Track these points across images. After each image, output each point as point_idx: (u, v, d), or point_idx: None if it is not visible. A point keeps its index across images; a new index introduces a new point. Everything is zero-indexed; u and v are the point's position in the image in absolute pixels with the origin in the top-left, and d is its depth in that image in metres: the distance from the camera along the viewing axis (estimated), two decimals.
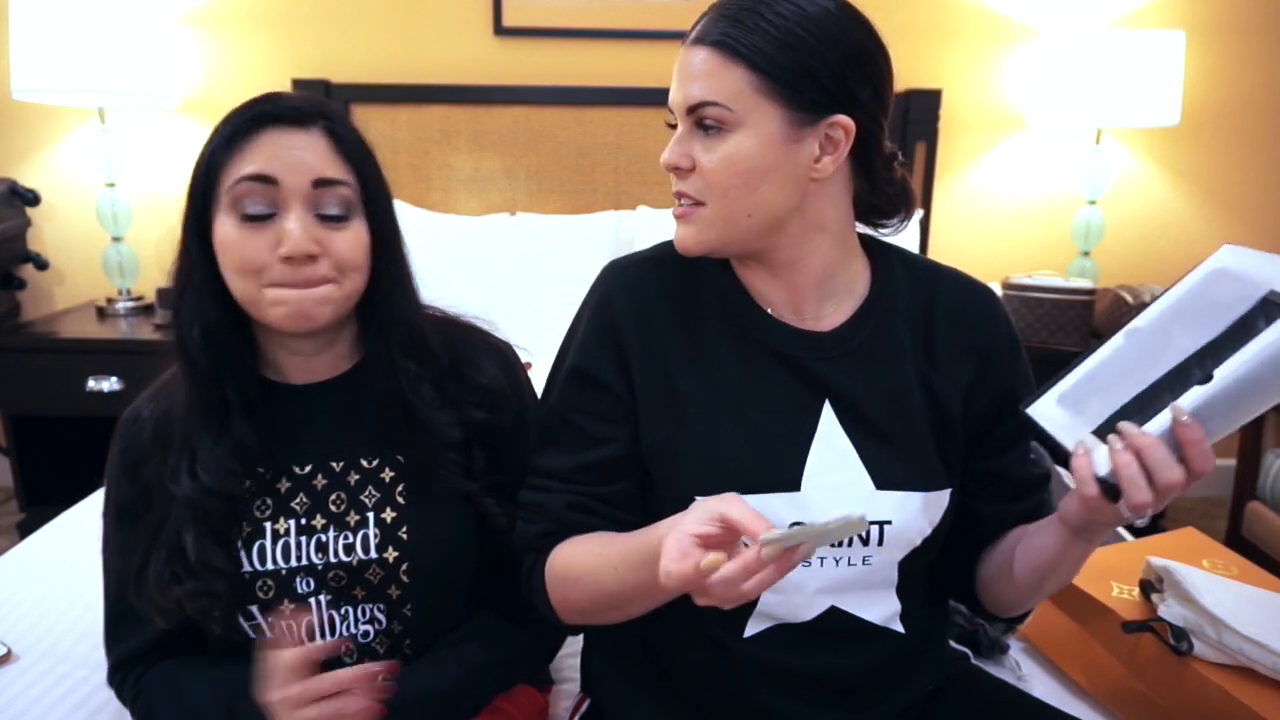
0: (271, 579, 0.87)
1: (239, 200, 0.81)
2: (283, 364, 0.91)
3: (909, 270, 0.88)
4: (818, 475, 0.80)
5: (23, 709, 1.06)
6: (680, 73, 0.78)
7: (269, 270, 0.81)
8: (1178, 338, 0.68)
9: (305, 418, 0.90)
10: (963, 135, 2.66)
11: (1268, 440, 2.27)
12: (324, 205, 0.83)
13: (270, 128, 0.82)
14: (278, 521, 0.87)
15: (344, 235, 0.84)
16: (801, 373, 0.82)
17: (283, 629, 0.88)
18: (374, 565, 0.88)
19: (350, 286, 0.85)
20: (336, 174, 0.83)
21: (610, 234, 2.42)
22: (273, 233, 0.81)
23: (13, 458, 2.36)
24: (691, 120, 0.77)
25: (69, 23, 2.16)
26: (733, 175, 0.76)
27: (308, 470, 0.89)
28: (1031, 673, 1.18)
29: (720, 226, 0.79)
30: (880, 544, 0.81)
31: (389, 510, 0.89)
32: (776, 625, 0.83)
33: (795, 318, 0.84)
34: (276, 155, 0.81)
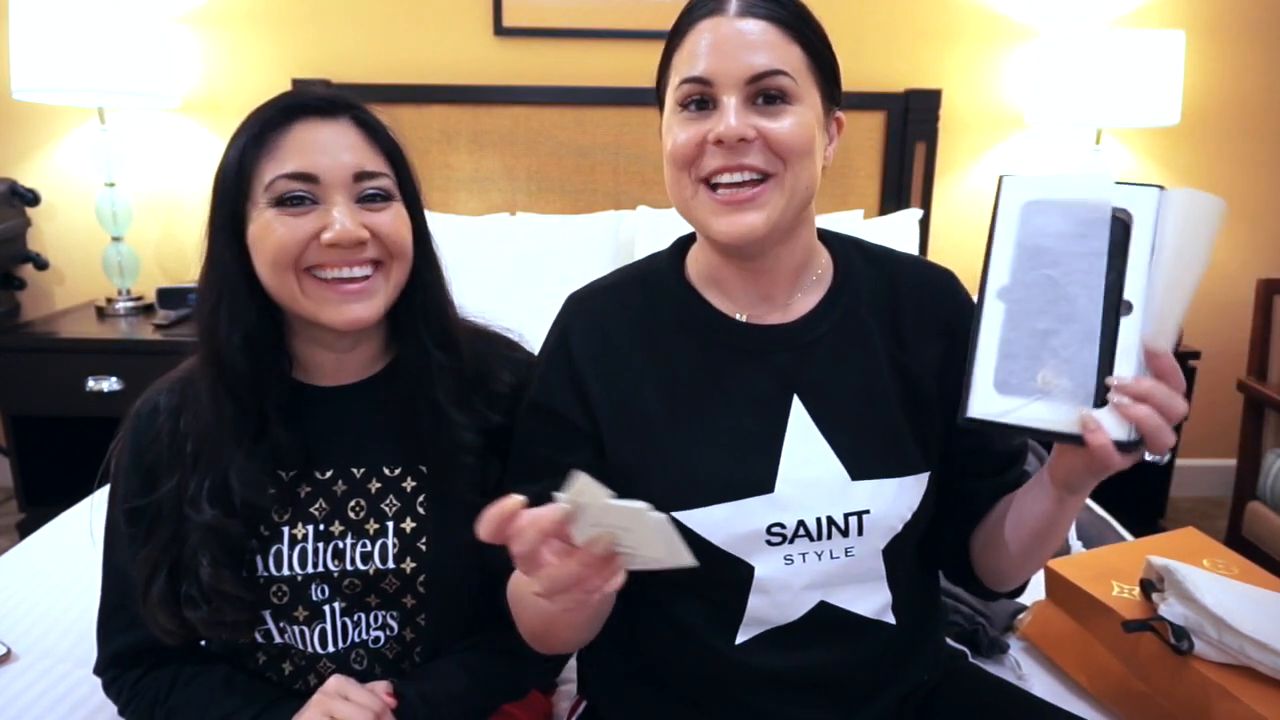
0: (287, 585, 0.85)
1: (278, 196, 0.79)
2: (315, 364, 0.89)
3: (866, 259, 0.89)
4: (792, 472, 0.80)
5: (23, 709, 1.06)
6: (729, 43, 0.74)
7: (308, 255, 0.79)
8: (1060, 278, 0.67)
9: (330, 422, 0.88)
10: (963, 135, 2.66)
11: (1268, 440, 2.27)
12: (364, 192, 0.82)
13: (300, 120, 0.80)
14: (295, 527, 0.86)
15: (387, 216, 0.83)
16: (768, 369, 0.83)
17: (293, 635, 0.87)
18: (390, 575, 0.87)
19: (397, 275, 0.84)
20: (375, 166, 0.83)
21: (610, 234, 2.42)
22: (314, 219, 0.79)
23: (13, 458, 2.36)
24: (750, 91, 0.75)
25: (69, 23, 2.16)
26: (804, 142, 0.76)
27: (329, 475, 0.88)
28: (1031, 672, 1.18)
29: (788, 199, 0.76)
30: (860, 534, 0.81)
31: (409, 520, 0.87)
32: (768, 630, 0.83)
33: (764, 313, 0.84)
34: (313, 150, 0.79)
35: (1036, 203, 0.68)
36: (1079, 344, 0.66)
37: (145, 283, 2.60)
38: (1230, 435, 2.50)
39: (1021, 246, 0.68)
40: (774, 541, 0.79)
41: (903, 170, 2.61)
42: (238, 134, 0.81)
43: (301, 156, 0.79)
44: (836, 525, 0.80)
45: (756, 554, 0.80)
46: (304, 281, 0.80)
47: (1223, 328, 2.75)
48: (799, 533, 0.79)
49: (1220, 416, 2.74)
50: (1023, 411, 0.66)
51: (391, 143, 0.86)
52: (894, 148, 2.61)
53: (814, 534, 0.80)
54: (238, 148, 0.80)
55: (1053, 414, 0.66)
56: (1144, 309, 0.65)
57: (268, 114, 0.81)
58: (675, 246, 0.91)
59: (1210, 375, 2.65)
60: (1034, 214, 0.68)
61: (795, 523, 0.79)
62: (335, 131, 0.81)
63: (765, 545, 0.79)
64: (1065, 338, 0.66)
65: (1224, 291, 2.75)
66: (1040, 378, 0.66)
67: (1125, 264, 0.65)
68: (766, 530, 0.79)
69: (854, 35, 2.58)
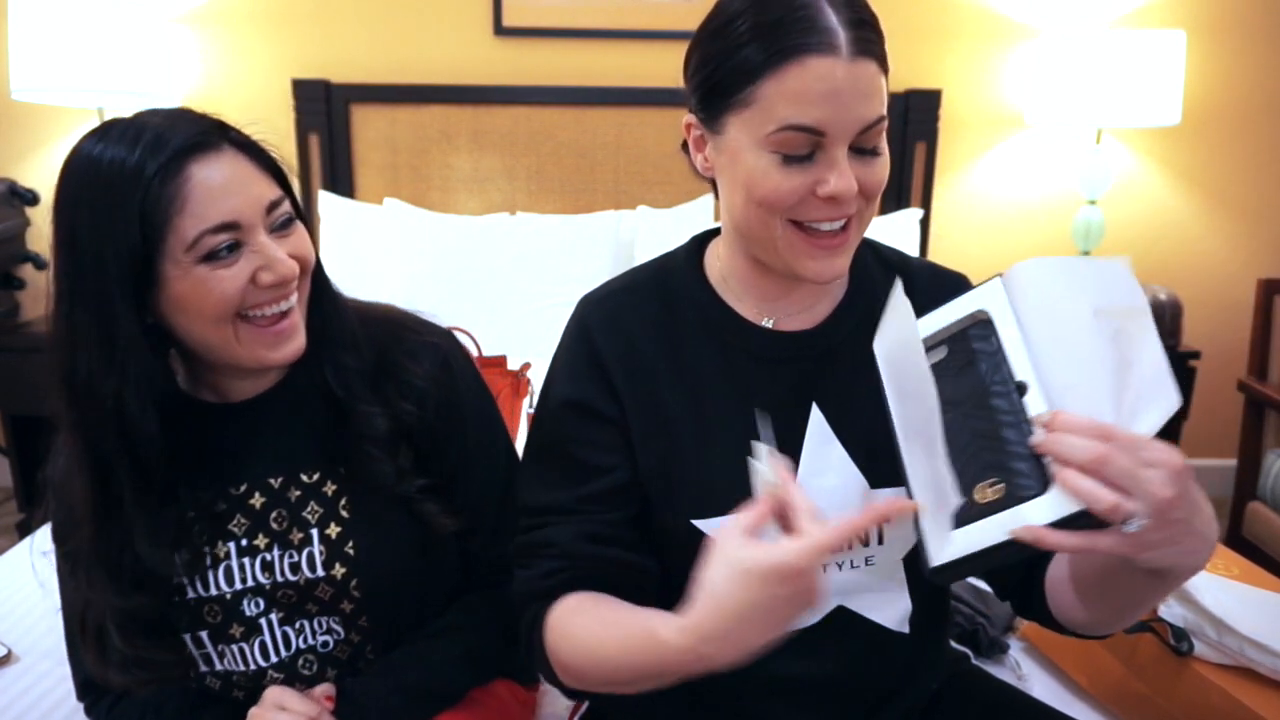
0: (218, 604, 0.84)
1: (207, 252, 0.74)
2: (218, 386, 0.86)
3: (880, 263, 0.88)
4: (811, 480, 0.79)
5: (23, 709, 1.06)
6: (845, 92, 0.69)
7: (245, 300, 0.77)
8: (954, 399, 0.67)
9: (241, 437, 0.86)
10: (963, 135, 2.66)
11: (1268, 440, 2.27)
12: (275, 221, 0.79)
13: (190, 162, 0.73)
14: (215, 546, 0.84)
15: (299, 238, 0.81)
16: (787, 377, 0.82)
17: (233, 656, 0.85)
18: (322, 583, 0.85)
19: (303, 292, 0.83)
20: (275, 191, 0.79)
21: (610, 234, 2.42)
22: (245, 264, 0.76)
23: (13, 458, 2.36)
24: (857, 141, 0.72)
25: (69, 23, 2.16)
26: (885, 180, 0.76)
27: (243, 490, 0.86)
28: (1031, 673, 1.18)
29: (862, 231, 0.78)
30: (880, 542, 0.80)
31: (334, 525, 0.86)
32: None
33: (784, 313, 0.84)
34: (223, 195, 0.74)
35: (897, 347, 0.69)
36: (995, 443, 0.63)
37: None
38: (1230, 435, 2.49)
39: (904, 391, 0.68)
40: None
41: (903, 170, 2.61)
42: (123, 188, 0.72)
43: (216, 205, 0.74)
44: (857, 536, 0.79)
45: None
46: (238, 328, 0.78)
47: (1223, 328, 2.75)
48: None
49: (1220, 416, 2.74)
50: (981, 535, 0.61)
51: (268, 157, 0.81)
52: (894, 148, 2.58)
53: None
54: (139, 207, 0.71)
55: (1008, 520, 0.61)
56: (1039, 380, 0.63)
57: (159, 162, 0.72)
58: (692, 245, 0.89)
59: (1210, 375, 2.65)
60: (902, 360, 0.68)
61: None
62: (229, 165, 0.76)
63: None
64: (981, 445, 0.64)
65: (1224, 291, 2.75)
66: (979, 494, 0.63)
67: (1002, 353, 0.66)
68: None
69: None
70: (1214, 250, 2.75)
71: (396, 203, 2.46)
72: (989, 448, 0.63)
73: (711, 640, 0.63)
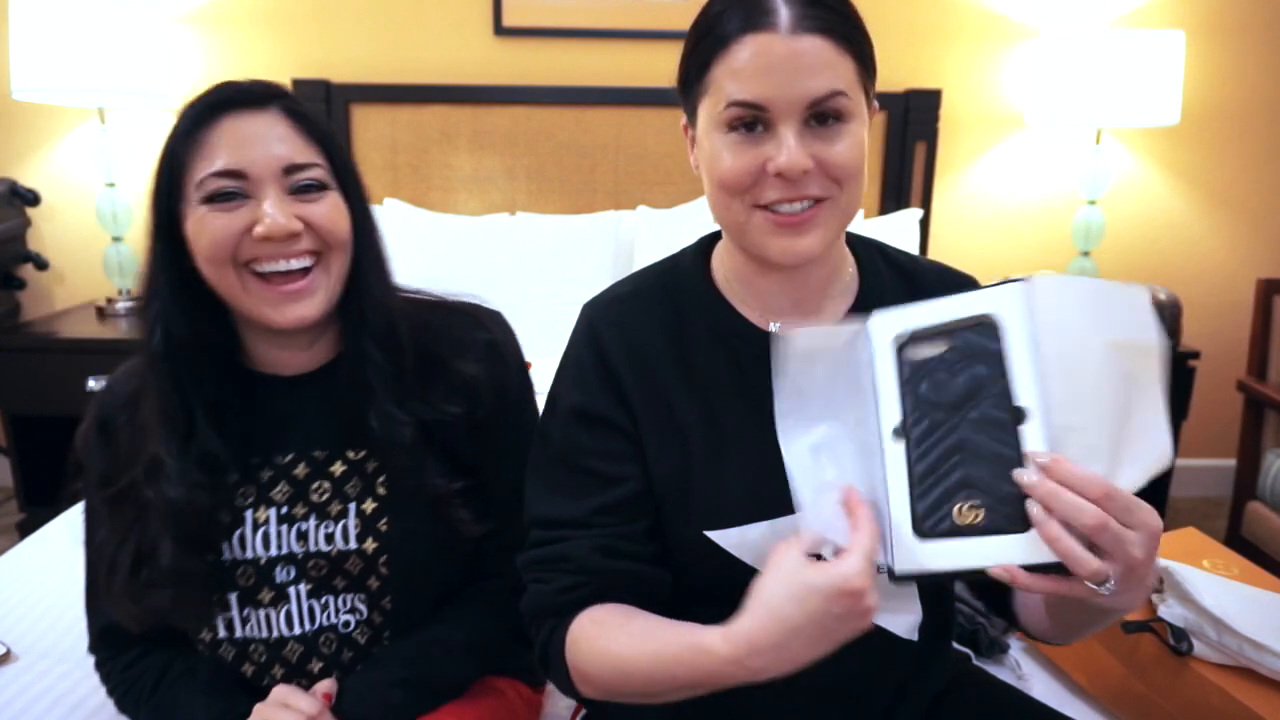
0: (251, 567, 0.86)
1: (208, 194, 0.79)
2: (268, 358, 0.89)
3: (889, 264, 0.87)
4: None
5: (22, 709, 1.06)
6: (784, 65, 0.69)
7: (243, 249, 0.79)
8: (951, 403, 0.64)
9: (290, 408, 0.89)
10: (963, 135, 2.66)
11: (1268, 440, 2.27)
12: (298, 184, 0.81)
13: (228, 115, 0.80)
14: (258, 510, 0.87)
15: (322, 206, 0.82)
16: None
17: (257, 622, 0.87)
18: (354, 556, 0.87)
19: (338, 266, 0.84)
20: (305, 157, 0.82)
21: (610, 234, 2.42)
22: (245, 213, 0.79)
23: (13, 458, 2.36)
24: (806, 115, 0.71)
25: (69, 23, 2.16)
26: (858, 163, 0.73)
27: (289, 459, 0.88)
28: (1031, 673, 1.18)
29: (841, 220, 0.75)
30: None
31: (370, 501, 0.88)
32: None
33: (794, 318, 0.82)
34: (241, 145, 0.79)
35: (906, 335, 0.66)
36: (985, 464, 0.61)
37: None
38: (1230, 435, 2.50)
39: (905, 382, 0.65)
40: None
41: (903, 170, 2.61)
42: (170, 131, 0.81)
43: (229, 153, 0.78)
44: None
45: None
46: (244, 279, 0.81)
47: (1223, 328, 2.75)
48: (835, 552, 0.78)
49: (1220, 416, 2.74)
50: (952, 554, 0.61)
51: (324, 132, 0.85)
52: (894, 148, 2.61)
53: None
54: (169, 145, 0.80)
55: (982, 548, 0.60)
56: (1043, 410, 0.60)
57: (196, 110, 0.80)
58: (698, 248, 0.88)
59: (1210, 375, 2.65)
60: (908, 348, 0.66)
61: None
62: (264, 124, 0.80)
63: None
64: (970, 462, 0.62)
65: (1224, 291, 2.75)
66: (957, 512, 0.61)
67: (1006, 371, 0.62)
68: None
69: None
70: (1214, 250, 2.75)
71: (397, 203, 2.46)
72: (974, 464, 0.61)
73: (762, 652, 0.65)
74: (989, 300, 0.64)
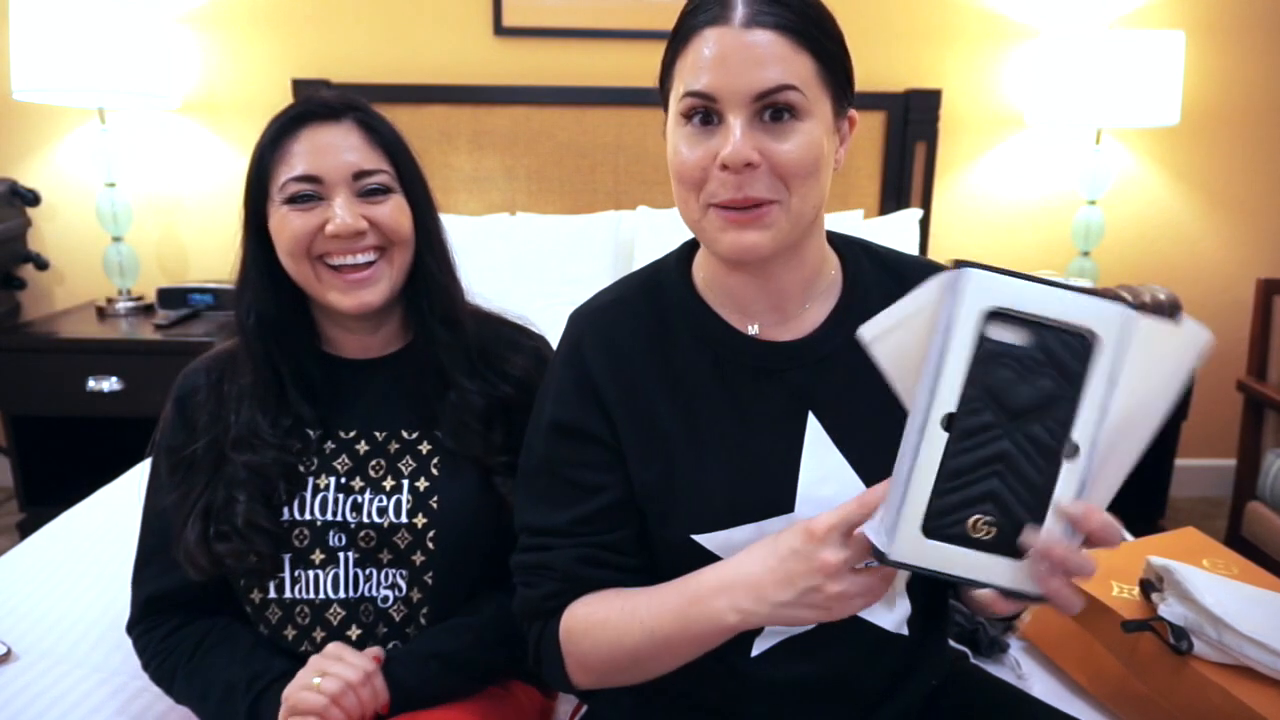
0: (307, 529, 0.93)
1: (289, 196, 0.90)
2: (340, 341, 1.00)
3: (875, 263, 0.87)
4: (811, 490, 0.79)
5: (22, 709, 1.06)
6: (734, 56, 0.70)
7: (317, 245, 0.90)
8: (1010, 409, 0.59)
9: (356, 389, 0.99)
10: (963, 135, 2.66)
11: (1268, 440, 2.27)
12: (365, 187, 0.92)
13: (308, 127, 0.91)
14: (320, 477, 0.95)
15: (386, 208, 0.93)
16: (782, 387, 0.81)
17: (306, 583, 0.93)
18: (403, 530, 0.94)
19: (400, 260, 0.95)
20: (373, 164, 0.93)
21: (610, 234, 2.42)
22: (319, 213, 0.90)
23: (13, 458, 2.36)
24: (757, 108, 0.71)
25: (69, 23, 2.16)
26: (810, 164, 0.72)
27: (352, 435, 0.97)
28: (1031, 672, 1.18)
29: (794, 222, 0.74)
30: None
31: (423, 480, 0.96)
32: (784, 640, 0.82)
33: (776, 325, 0.82)
34: (318, 154, 0.90)
35: (1001, 313, 0.58)
36: (1017, 488, 0.59)
37: (145, 283, 2.60)
38: (1230, 435, 2.50)
39: (976, 364, 0.58)
40: None
41: (903, 170, 2.61)
42: (259, 141, 0.93)
43: (307, 160, 0.90)
44: None
45: None
46: (318, 269, 0.92)
47: (1223, 328, 2.75)
48: None
49: (1220, 416, 2.74)
50: (948, 560, 0.60)
51: (392, 140, 0.96)
52: (894, 148, 2.61)
53: None
54: (258, 152, 0.92)
55: (979, 564, 0.59)
56: (1089, 454, 0.58)
57: (281, 122, 0.92)
58: (681, 252, 0.88)
59: (1210, 375, 2.65)
60: (995, 325, 0.58)
61: None
62: (338, 134, 0.92)
63: None
64: (1004, 479, 0.59)
65: (1224, 291, 2.75)
66: (971, 523, 0.59)
67: (1079, 398, 0.58)
68: None
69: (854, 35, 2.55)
70: (1213, 250, 2.75)
71: None
72: (1006, 481, 0.59)
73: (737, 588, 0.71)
74: (1094, 313, 0.58)
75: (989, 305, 0.58)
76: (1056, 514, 0.58)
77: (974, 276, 0.58)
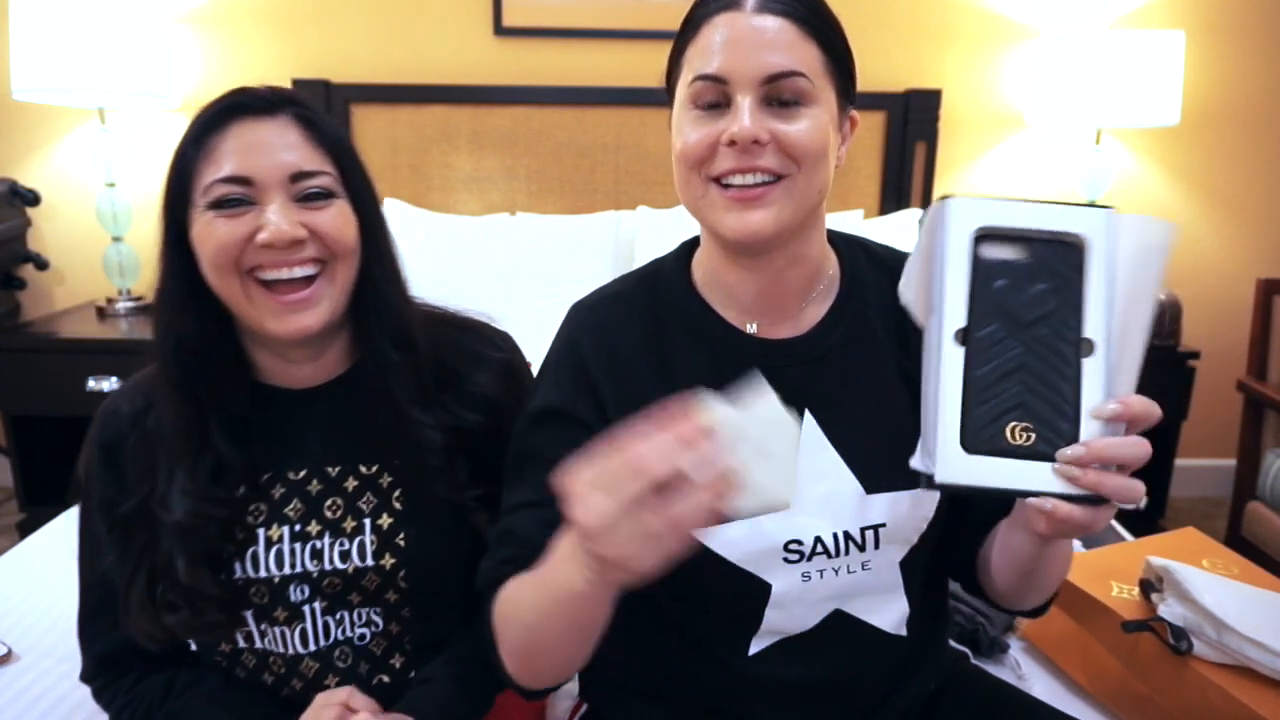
0: (265, 586, 0.85)
1: (214, 200, 0.78)
2: (275, 370, 0.88)
3: (872, 260, 0.87)
4: (806, 487, 0.78)
5: (23, 709, 1.06)
6: (745, 40, 0.72)
7: (247, 256, 0.78)
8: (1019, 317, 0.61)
9: (301, 422, 0.87)
10: (963, 135, 2.66)
11: (1268, 440, 2.27)
12: (304, 191, 0.80)
13: (238, 122, 0.79)
14: (270, 528, 0.85)
15: (327, 215, 0.81)
16: (779, 385, 0.80)
17: (274, 637, 0.86)
18: (370, 573, 0.86)
19: (343, 275, 0.83)
20: (313, 165, 0.80)
21: (610, 234, 2.42)
22: (250, 220, 0.78)
23: (13, 458, 2.36)
24: (765, 92, 0.72)
25: (69, 23, 2.16)
26: (818, 147, 0.73)
27: (302, 475, 0.87)
28: (1031, 672, 1.18)
29: (798, 203, 0.74)
30: (877, 547, 0.80)
31: (385, 516, 0.87)
32: (781, 640, 0.82)
33: (774, 323, 0.82)
34: (249, 152, 0.78)
35: (989, 230, 0.62)
36: (1043, 391, 0.61)
37: (145, 283, 2.60)
38: (1230, 435, 2.49)
39: (976, 281, 0.61)
40: (791, 559, 0.78)
41: (903, 170, 2.61)
42: (182, 136, 0.80)
43: (237, 159, 0.78)
44: (854, 540, 0.79)
45: (773, 571, 0.79)
46: (248, 286, 0.79)
47: (1223, 328, 2.75)
48: (816, 549, 0.78)
49: (1220, 416, 2.74)
50: (995, 473, 0.61)
51: (335, 139, 0.83)
52: (894, 148, 2.61)
53: (831, 550, 0.78)
54: (179, 150, 0.80)
55: (1026, 472, 0.61)
56: (1105, 346, 0.60)
57: (206, 116, 0.80)
58: (681, 250, 0.88)
59: (1210, 375, 2.65)
60: (987, 244, 0.62)
61: (813, 539, 0.78)
62: (273, 131, 0.80)
63: (782, 563, 0.78)
64: (1029, 384, 0.61)
65: (1224, 291, 2.75)
66: (1009, 431, 0.61)
67: (1082, 298, 0.61)
68: (784, 547, 0.78)
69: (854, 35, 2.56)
70: (1214, 250, 2.75)
71: (397, 203, 2.46)
72: (1032, 388, 0.61)
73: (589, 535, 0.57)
74: (1078, 220, 0.61)
75: (976, 226, 0.61)
76: (1094, 418, 0.60)
77: (956, 204, 0.62)
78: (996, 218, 0.61)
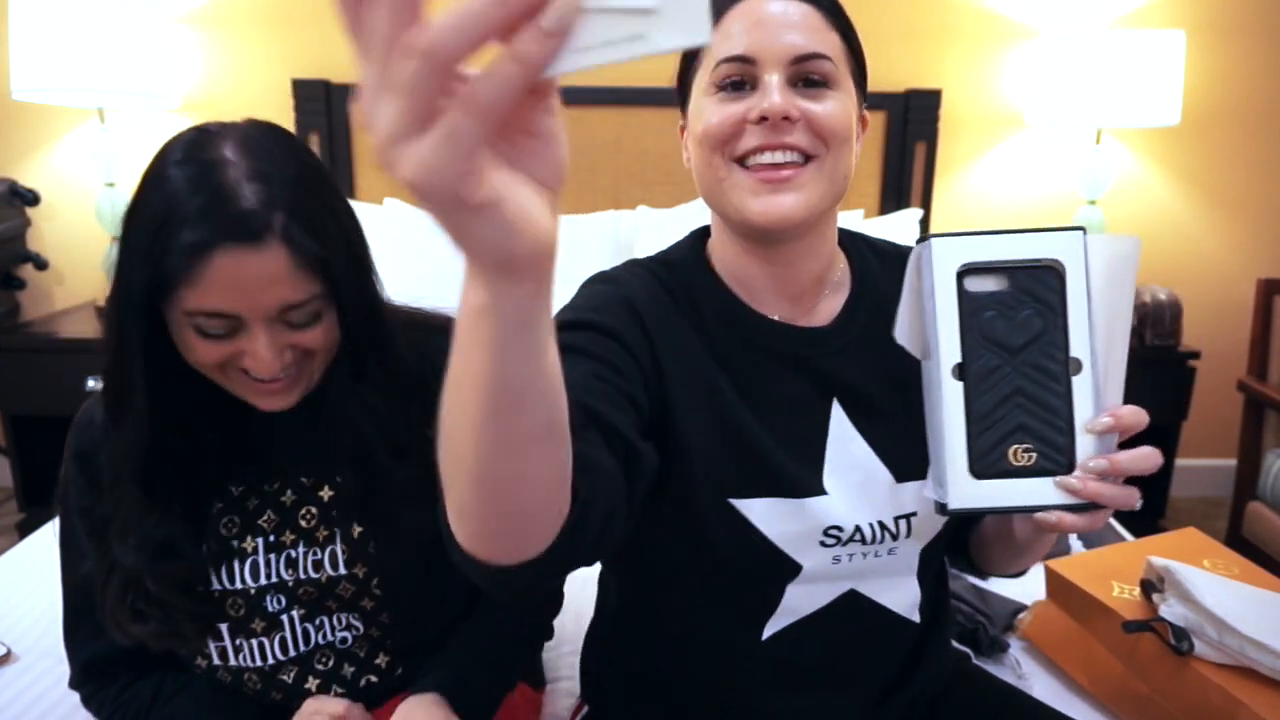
0: (241, 598, 0.85)
1: (198, 327, 0.74)
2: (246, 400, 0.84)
3: (877, 255, 0.87)
4: (838, 477, 0.79)
5: (23, 709, 1.06)
6: (771, 21, 0.73)
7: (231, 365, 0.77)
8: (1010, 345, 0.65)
9: (276, 435, 0.86)
10: (963, 135, 2.66)
11: (1268, 440, 2.27)
12: (292, 318, 0.76)
13: (221, 250, 0.71)
14: (244, 540, 0.85)
15: (313, 333, 0.78)
16: (808, 373, 0.81)
17: (249, 650, 0.86)
18: (344, 581, 0.86)
19: (320, 363, 0.81)
20: (302, 294, 0.75)
21: (610, 234, 2.42)
22: (235, 344, 0.76)
23: (13, 458, 2.36)
24: (792, 73, 0.72)
25: (69, 23, 2.16)
26: (845, 127, 0.74)
27: (276, 486, 0.87)
28: (1031, 672, 1.18)
29: (827, 184, 0.74)
30: (908, 535, 0.80)
31: (356, 526, 0.87)
32: (795, 622, 0.82)
33: (793, 314, 0.82)
34: (234, 289, 0.72)
35: (971, 265, 0.65)
36: (1039, 412, 0.65)
37: None
38: (1230, 435, 2.50)
39: (965, 316, 0.65)
40: (828, 543, 0.78)
41: (903, 170, 2.61)
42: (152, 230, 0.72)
43: (220, 296, 0.72)
44: (888, 529, 0.79)
45: (807, 552, 0.78)
46: (231, 375, 0.79)
47: (1223, 328, 2.75)
48: (854, 536, 0.79)
49: (1220, 416, 2.74)
50: (1003, 494, 0.65)
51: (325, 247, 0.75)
52: (894, 148, 2.61)
53: (868, 538, 0.79)
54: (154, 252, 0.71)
55: (1031, 490, 0.65)
56: (1092, 362, 0.64)
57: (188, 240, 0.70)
58: (693, 240, 0.86)
59: (1210, 375, 2.65)
60: (971, 279, 0.65)
61: (852, 527, 0.78)
62: (262, 264, 0.72)
63: (819, 546, 0.78)
64: (1026, 407, 0.65)
65: (1224, 291, 2.75)
66: (1012, 454, 0.65)
67: (1065, 319, 0.64)
68: (823, 532, 0.78)
69: None
70: (1214, 250, 2.75)
71: (397, 203, 2.46)
72: (1029, 411, 0.65)
73: None
74: (1049, 242, 0.65)
75: (959, 264, 0.65)
76: (1088, 432, 0.64)
77: (937, 244, 0.65)
78: (977, 253, 0.65)
